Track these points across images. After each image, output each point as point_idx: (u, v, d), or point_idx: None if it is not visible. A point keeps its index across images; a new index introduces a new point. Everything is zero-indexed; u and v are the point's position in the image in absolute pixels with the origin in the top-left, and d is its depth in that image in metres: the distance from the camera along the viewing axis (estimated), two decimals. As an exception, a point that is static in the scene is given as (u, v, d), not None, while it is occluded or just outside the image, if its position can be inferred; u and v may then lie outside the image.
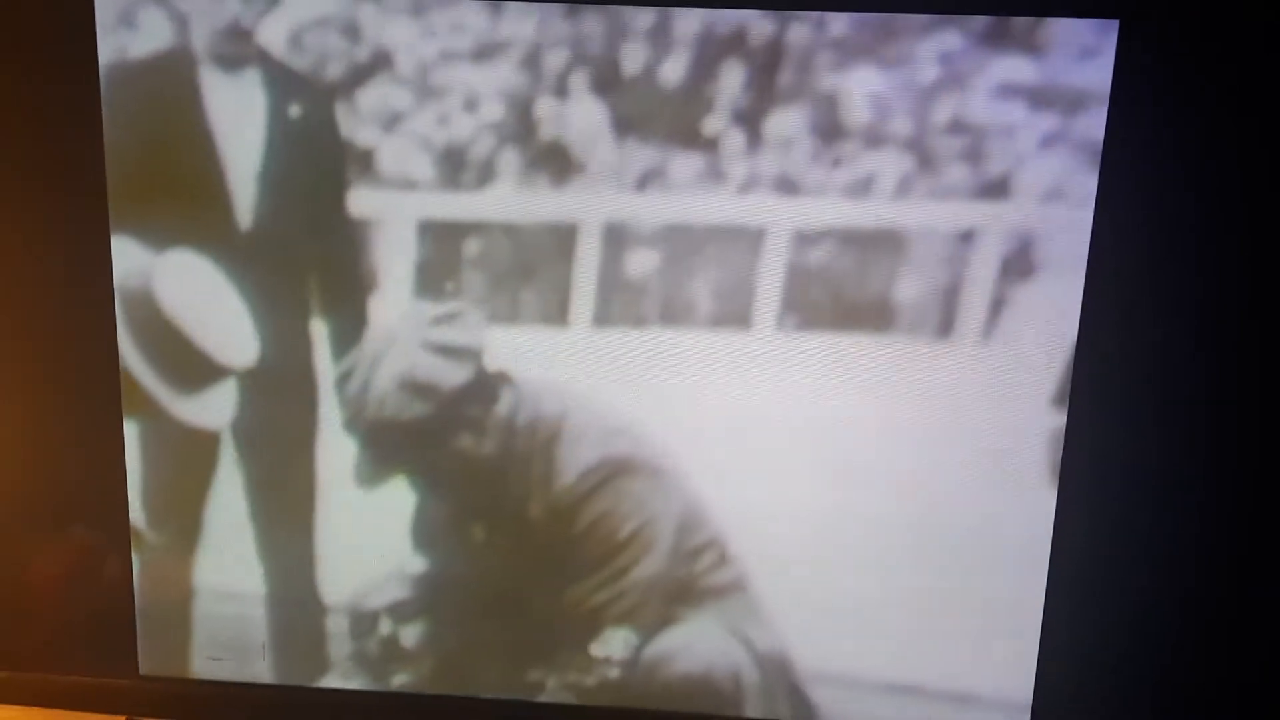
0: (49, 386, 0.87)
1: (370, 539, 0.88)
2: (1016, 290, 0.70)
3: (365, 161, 0.80)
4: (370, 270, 0.82)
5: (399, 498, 0.87)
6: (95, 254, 0.83)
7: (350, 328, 0.84)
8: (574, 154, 0.78)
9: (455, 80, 0.79)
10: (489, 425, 0.85)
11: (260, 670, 0.90)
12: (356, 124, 0.79)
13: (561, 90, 0.77)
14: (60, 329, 0.86)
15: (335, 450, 0.86)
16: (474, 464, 0.85)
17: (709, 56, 0.74)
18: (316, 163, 0.80)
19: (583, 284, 0.80)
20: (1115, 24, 0.67)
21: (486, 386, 0.84)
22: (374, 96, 0.79)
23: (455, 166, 0.80)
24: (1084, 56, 0.68)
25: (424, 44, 0.78)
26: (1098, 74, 0.68)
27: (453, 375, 0.85)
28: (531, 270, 0.81)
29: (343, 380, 0.85)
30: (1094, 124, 0.67)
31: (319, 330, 0.84)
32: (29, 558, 0.91)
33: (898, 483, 0.78)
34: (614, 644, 0.87)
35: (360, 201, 0.81)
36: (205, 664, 0.90)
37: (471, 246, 0.81)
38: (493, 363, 0.84)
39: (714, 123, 0.74)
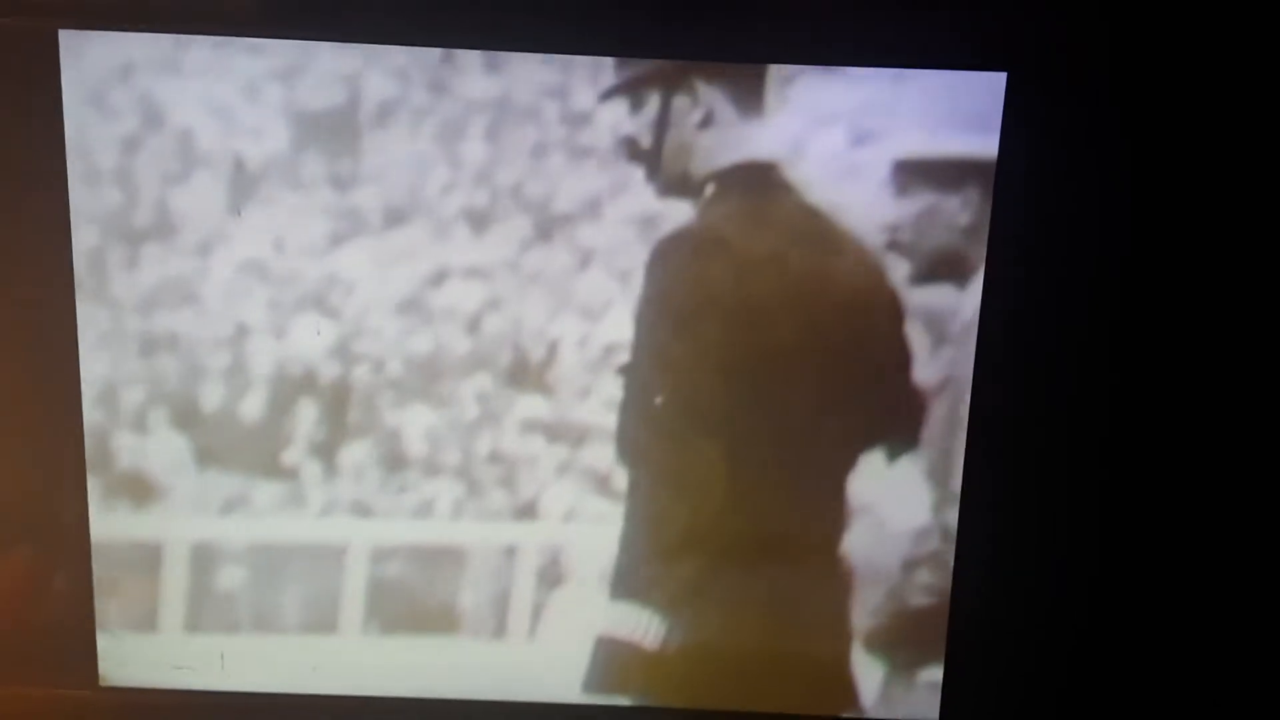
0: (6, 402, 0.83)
1: None
2: (551, 596, 0.89)
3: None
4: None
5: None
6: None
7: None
8: (156, 482, 0.84)
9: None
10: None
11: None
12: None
13: (140, 425, 0.83)
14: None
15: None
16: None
17: (284, 395, 0.84)
18: None
19: (170, 596, 0.86)
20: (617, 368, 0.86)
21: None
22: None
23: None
24: (583, 395, 0.87)
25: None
26: (601, 412, 0.87)
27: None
28: (115, 584, 0.85)
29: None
30: (598, 454, 0.87)
31: None
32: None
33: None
34: None
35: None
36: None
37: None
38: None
39: (293, 454, 0.85)
